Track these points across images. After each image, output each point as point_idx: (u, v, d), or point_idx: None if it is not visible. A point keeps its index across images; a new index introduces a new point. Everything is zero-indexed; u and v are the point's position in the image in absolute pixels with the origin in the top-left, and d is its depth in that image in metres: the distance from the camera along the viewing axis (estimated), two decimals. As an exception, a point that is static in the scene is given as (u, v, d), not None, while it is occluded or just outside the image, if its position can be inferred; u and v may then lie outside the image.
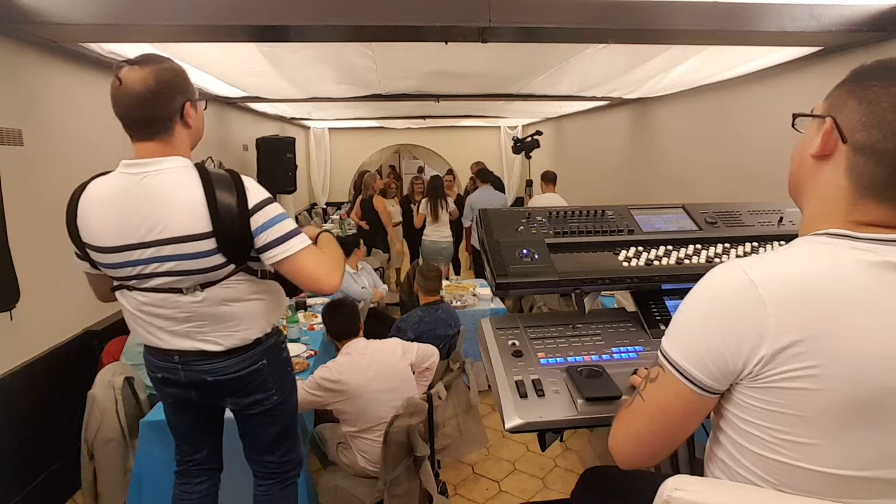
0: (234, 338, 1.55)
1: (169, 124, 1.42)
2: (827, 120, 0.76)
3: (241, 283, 1.51)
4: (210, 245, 1.41)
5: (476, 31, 2.20)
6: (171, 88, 1.41)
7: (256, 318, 1.58)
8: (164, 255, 1.41)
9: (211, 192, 1.39)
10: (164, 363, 1.58)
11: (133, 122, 1.41)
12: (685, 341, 0.80)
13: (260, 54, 3.06)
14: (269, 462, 1.77)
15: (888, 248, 0.73)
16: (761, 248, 1.35)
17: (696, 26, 2.25)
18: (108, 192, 1.44)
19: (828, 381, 0.70)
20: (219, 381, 1.57)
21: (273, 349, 1.65)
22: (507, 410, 1.06)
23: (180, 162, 1.44)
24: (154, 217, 1.39)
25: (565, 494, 1.84)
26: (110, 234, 1.42)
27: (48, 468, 2.48)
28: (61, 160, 2.63)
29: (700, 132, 4.11)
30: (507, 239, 1.30)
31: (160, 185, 1.40)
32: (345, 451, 2.37)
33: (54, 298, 2.56)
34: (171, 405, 1.73)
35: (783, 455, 0.75)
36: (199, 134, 1.55)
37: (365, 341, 2.44)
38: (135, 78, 1.38)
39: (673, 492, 0.76)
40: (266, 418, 1.69)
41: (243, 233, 1.42)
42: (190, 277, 1.44)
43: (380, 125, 8.97)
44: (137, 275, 1.45)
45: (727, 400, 0.80)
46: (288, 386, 1.74)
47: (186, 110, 1.44)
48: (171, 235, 1.39)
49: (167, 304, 1.48)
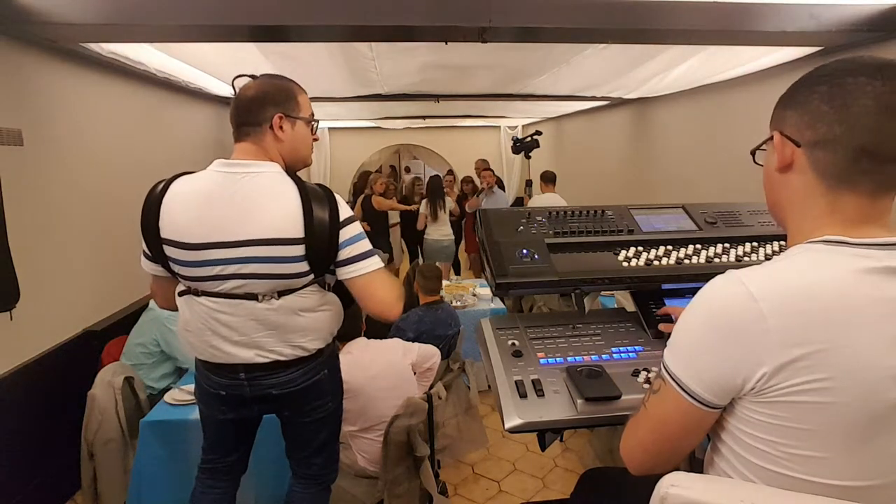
0: (299, 348, 1.56)
1: (258, 130, 1.49)
2: (775, 134, 0.82)
3: (314, 293, 1.53)
4: (299, 251, 1.43)
5: (476, 31, 2.20)
6: (265, 97, 1.49)
7: (321, 329, 1.59)
8: (251, 256, 1.42)
9: (307, 200, 1.43)
10: (228, 380, 1.57)
11: (234, 124, 1.52)
12: (685, 356, 0.79)
13: (260, 54, 3.06)
14: (314, 464, 1.79)
15: (886, 253, 0.73)
16: (761, 248, 1.35)
17: (696, 26, 2.24)
18: (202, 189, 1.45)
19: (838, 394, 0.69)
20: (284, 394, 1.58)
21: (332, 358, 1.69)
22: (507, 410, 1.06)
23: (276, 168, 1.48)
24: (249, 216, 1.41)
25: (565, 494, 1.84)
26: (199, 230, 1.42)
27: (48, 468, 2.48)
28: (61, 160, 2.63)
29: (700, 132, 4.11)
30: (506, 239, 1.30)
31: (258, 187, 1.44)
32: (345, 451, 2.37)
33: (54, 298, 2.56)
34: (220, 420, 1.70)
35: (790, 469, 0.74)
36: (295, 152, 1.55)
37: (366, 341, 2.44)
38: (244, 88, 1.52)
39: (669, 488, 0.75)
40: (318, 424, 1.71)
41: (332, 244, 1.45)
42: (271, 282, 1.45)
43: (380, 125, 8.97)
44: (217, 275, 1.44)
45: (729, 413, 0.79)
46: (341, 392, 1.78)
47: (276, 122, 1.48)
48: (264, 237, 1.41)
49: (238, 312, 1.47)
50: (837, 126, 0.74)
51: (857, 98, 0.72)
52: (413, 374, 2.42)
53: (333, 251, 1.46)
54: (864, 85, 0.72)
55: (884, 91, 0.71)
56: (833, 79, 0.75)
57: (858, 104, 0.72)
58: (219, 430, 1.74)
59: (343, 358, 2.33)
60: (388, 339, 2.55)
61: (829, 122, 0.74)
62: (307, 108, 1.57)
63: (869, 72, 0.73)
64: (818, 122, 0.75)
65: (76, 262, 2.67)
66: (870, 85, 0.72)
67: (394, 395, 2.24)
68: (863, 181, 0.75)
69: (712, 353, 0.75)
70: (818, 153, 0.76)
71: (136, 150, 3.27)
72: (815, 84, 0.77)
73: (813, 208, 0.79)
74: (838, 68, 0.76)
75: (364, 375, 2.24)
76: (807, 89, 0.78)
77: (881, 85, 0.72)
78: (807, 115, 0.77)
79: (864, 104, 0.72)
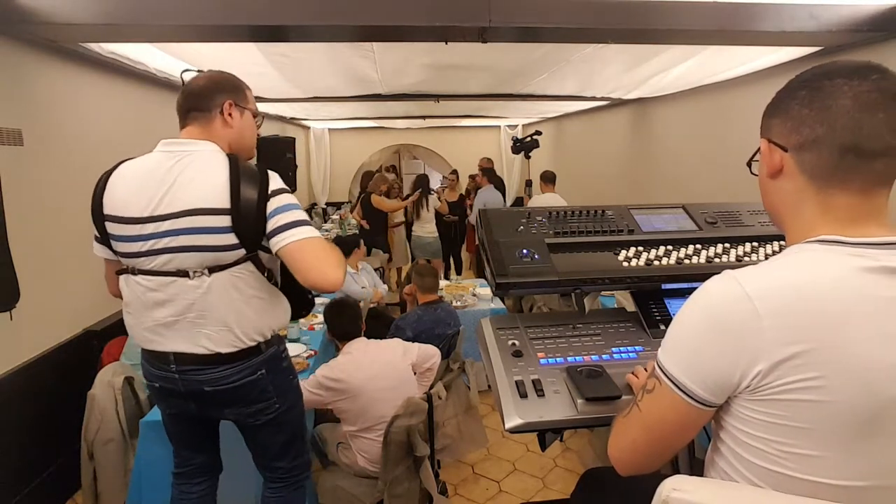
0: (232, 334, 1.52)
1: (208, 115, 1.54)
2: (762, 142, 0.85)
3: (248, 274, 1.51)
4: (225, 222, 1.43)
5: (476, 31, 2.20)
6: (216, 86, 1.56)
7: (256, 319, 1.55)
8: (179, 228, 1.43)
9: (236, 175, 1.45)
10: (161, 371, 1.57)
11: (181, 110, 1.56)
12: (681, 355, 0.80)
13: (260, 54, 3.06)
14: (279, 468, 1.76)
15: (880, 252, 0.73)
16: (761, 248, 1.35)
17: (696, 26, 2.24)
18: (143, 167, 1.50)
19: (833, 393, 0.70)
20: (217, 392, 1.55)
21: (273, 359, 1.63)
22: (507, 410, 1.06)
23: (215, 147, 1.52)
24: (176, 190, 1.43)
25: (565, 494, 1.84)
26: (136, 205, 1.45)
27: (48, 468, 2.48)
28: (61, 160, 2.63)
29: (700, 132, 4.11)
30: (507, 239, 1.30)
31: (193, 162, 1.47)
32: (345, 451, 2.37)
33: (54, 298, 2.56)
34: (169, 415, 1.72)
35: (787, 468, 0.74)
36: (240, 139, 1.60)
37: (366, 341, 2.44)
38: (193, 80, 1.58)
39: (671, 492, 0.75)
40: (271, 427, 1.68)
41: (259, 214, 1.44)
42: (199, 255, 1.45)
43: (380, 125, 8.97)
44: (149, 250, 1.45)
45: (726, 412, 0.80)
46: (292, 394, 1.73)
47: (227, 108, 1.54)
48: (191, 207, 1.42)
49: (170, 290, 1.47)
50: (819, 127, 0.76)
51: (835, 99, 0.75)
52: (413, 375, 2.42)
53: (262, 222, 1.45)
54: (842, 86, 0.75)
55: (860, 90, 0.74)
56: (811, 83, 0.78)
57: (837, 104, 0.75)
58: (175, 425, 1.73)
59: (343, 358, 2.33)
60: (389, 339, 2.55)
61: (811, 125, 0.77)
62: (254, 103, 1.65)
63: (845, 74, 0.76)
64: (801, 126, 0.78)
65: (76, 262, 2.66)
66: (846, 85, 0.75)
67: (394, 395, 2.24)
68: (851, 179, 0.76)
69: (709, 352, 0.76)
70: (805, 156, 0.79)
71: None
72: (795, 90, 0.80)
73: (806, 210, 0.80)
74: (816, 73, 0.79)
75: (364, 376, 2.24)
76: (788, 96, 0.81)
77: (857, 84, 0.74)
78: (790, 121, 0.80)
79: (842, 104, 0.75)
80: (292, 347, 2.88)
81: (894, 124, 0.74)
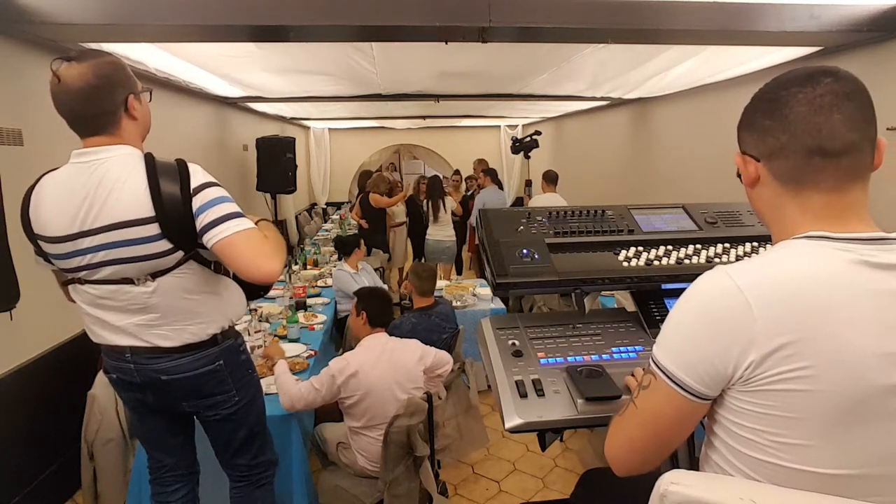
0: (186, 331, 1.51)
1: (114, 118, 1.42)
2: (736, 155, 0.92)
3: (193, 273, 1.49)
4: (154, 230, 1.40)
5: (476, 31, 2.20)
6: (111, 82, 1.40)
7: (211, 313, 1.55)
8: (109, 242, 1.40)
9: (154, 177, 1.39)
10: (117, 362, 1.55)
11: (77, 119, 1.41)
12: (675, 349, 0.81)
13: (260, 54, 3.07)
14: (240, 465, 1.75)
15: (865, 248, 0.76)
16: (761, 248, 1.35)
17: (696, 26, 2.25)
18: (59, 182, 1.44)
19: (820, 382, 0.71)
20: (173, 382, 1.54)
21: (231, 350, 1.62)
22: (507, 410, 1.06)
23: (127, 150, 1.43)
24: (98, 204, 1.39)
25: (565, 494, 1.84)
26: (60, 223, 1.41)
27: (48, 468, 2.48)
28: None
29: (700, 132, 4.11)
30: (507, 239, 1.30)
31: (109, 171, 1.40)
32: (345, 451, 2.37)
33: (54, 298, 2.54)
34: (133, 410, 1.71)
35: (777, 458, 0.75)
36: (147, 125, 1.53)
37: (386, 337, 2.44)
38: (73, 74, 1.35)
39: (669, 486, 0.76)
40: (231, 423, 1.67)
41: (186, 215, 1.39)
42: (137, 265, 1.42)
43: (380, 125, 8.98)
44: (87, 265, 1.43)
45: (720, 405, 0.81)
46: (251, 388, 1.71)
47: (130, 103, 1.44)
48: (115, 221, 1.38)
49: (119, 297, 1.46)
50: (783, 135, 0.81)
51: (792, 107, 0.80)
52: (422, 377, 2.41)
53: (190, 222, 1.40)
54: (796, 94, 0.80)
55: (814, 95, 0.79)
56: (769, 95, 0.84)
57: (794, 112, 0.80)
58: (139, 420, 1.72)
59: (360, 351, 2.33)
60: (408, 340, 2.52)
61: (775, 134, 0.82)
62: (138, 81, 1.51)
63: (799, 82, 0.81)
64: (767, 136, 0.83)
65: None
66: (801, 93, 0.79)
67: (402, 394, 2.25)
68: (822, 179, 0.80)
69: (703, 345, 0.78)
70: (775, 163, 0.83)
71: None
72: (757, 103, 0.86)
73: (787, 213, 0.84)
74: (773, 85, 0.84)
75: (379, 372, 2.25)
76: (752, 109, 0.87)
77: (811, 90, 0.79)
78: (756, 133, 0.85)
79: (799, 111, 0.79)
80: (292, 347, 2.89)
81: (851, 122, 0.78)
